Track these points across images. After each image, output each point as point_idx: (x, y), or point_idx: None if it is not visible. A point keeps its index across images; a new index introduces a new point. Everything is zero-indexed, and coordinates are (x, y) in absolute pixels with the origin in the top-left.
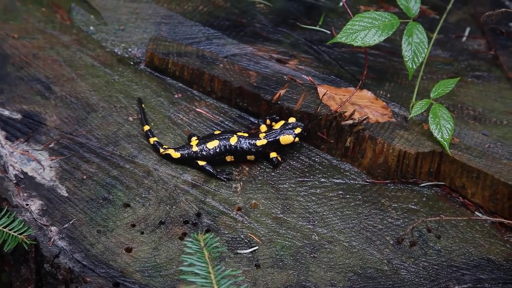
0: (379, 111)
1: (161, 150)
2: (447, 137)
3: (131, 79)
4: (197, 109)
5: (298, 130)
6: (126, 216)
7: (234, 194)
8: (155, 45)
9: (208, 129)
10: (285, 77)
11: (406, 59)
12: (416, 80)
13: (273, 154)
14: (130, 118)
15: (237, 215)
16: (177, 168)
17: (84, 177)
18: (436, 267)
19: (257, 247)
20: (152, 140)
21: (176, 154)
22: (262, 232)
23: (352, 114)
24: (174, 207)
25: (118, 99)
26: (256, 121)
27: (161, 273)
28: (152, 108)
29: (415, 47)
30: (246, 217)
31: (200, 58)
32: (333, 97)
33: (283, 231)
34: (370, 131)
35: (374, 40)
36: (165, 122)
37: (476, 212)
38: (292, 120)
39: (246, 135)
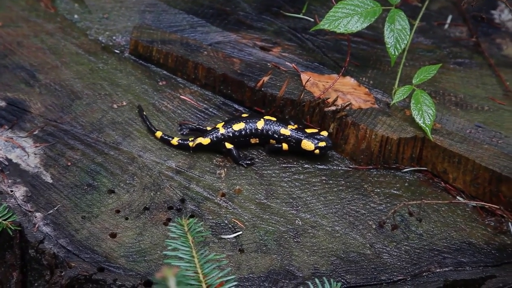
0: (362, 98)
1: (190, 144)
2: (429, 122)
3: (116, 66)
4: (181, 96)
5: (321, 144)
6: (111, 202)
7: (218, 180)
8: (139, 33)
9: (192, 116)
10: (268, 64)
11: (389, 46)
12: (399, 67)
13: (284, 146)
14: (115, 105)
15: (221, 201)
16: (161, 155)
17: (69, 163)
18: (418, 250)
19: (241, 232)
20: (175, 141)
21: (206, 140)
22: (246, 217)
23: (335, 100)
24: (158, 193)
25: (102, 86)
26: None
27: (145, 258)
28: (136, 95)
29: (397, 34)
30: (230, 202)
31: (184, 45)
32: (316, 83)
33: (267, 216)
34: (353, 117)
35: (357, 27)
36: (150, 109)
37: (457, 197)
38: (324, 133)
39: (274, 119)
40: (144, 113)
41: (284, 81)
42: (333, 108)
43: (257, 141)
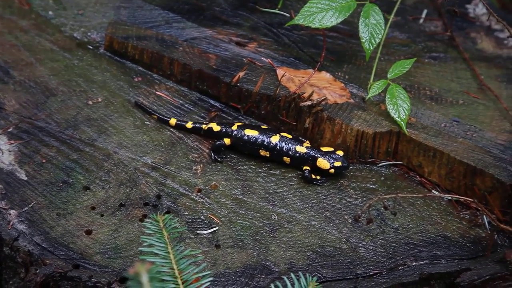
0: (338, 92)
1: (203, 126)
2: (404, 117)
3: (91, 63)
4: (157, 92)
5: (337, 163)
6: (86, 199)
7: (194, 176)
8: (114, 29)
9: (168, 112)
10: (244, 59)
11: (363, 41)
12: (374, 61)
13: (306, 167)
14: (90, 102)
15: (197, 197)
16: (137, 151)
17: (44, 160)
18: (394, 244)
19: (217, 228)
20: (189, 124)
21: (217, 128)
22: (222, 213)
23: (311, 95)
24: (134, 189)
25: (77, 83)
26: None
27: (121, 255)
28: (112, 92)
29: (372, 29)
30: (206, 198)
31: (160, 41)
32: (292, 79)
33: (243, 212)
34: (328, 112)
35: (332, 21)
36: (125, 105)
37: (433, 190)
38: (340, 153)
39: (290, 136)
40: (145, 106)
41: (259, 76)
42: (309, 103)
43: (268, 155)
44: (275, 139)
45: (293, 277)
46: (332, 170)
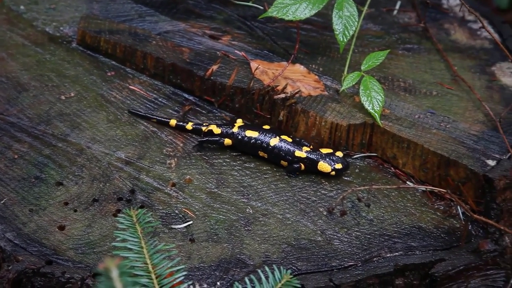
0: (312, 85)
1: (203, 128)
2: (378, 108)
3: (63, 57)
4: (130, 87)
5: (338, 166)
6: (59, 194)
7: (168, 170)
8: (87, 23)
9: (142, 106)
10: (218, 53)
11: (337, 33)
12: (348, 54)
13: (302, 167)
14: (63, 97)
15: (172, 191)
16: (110, 146)
17: (16, 156)
18: (369, 236)
19: (191, 222)
20: (189, 126)
21: (217, 130)
22: (196, 207)
23: (285, 88)
24: (107, 184)
25: (50, 78)
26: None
27: (94, 250)
28: (84, 86)
29: (346, 21)
30: (180, 192)
31: (133, 35)
32: (266, 71)
33: (218, 205)
34: (302, 104)
35: (305, 13)
36: (98, 100)
37: (407, 182)
38: (339, 154)
39: (290, 140)
40: (141, 112)
41: (233, 69)
42: (283, 95)
43: (266, 156)
44: (273, 141)
45: (268, 270)
46: (333, 173)
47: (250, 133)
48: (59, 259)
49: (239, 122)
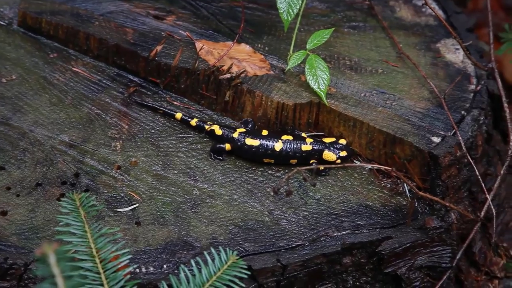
0: (257, 64)
1: (206, 127)
2: (324, 87)
3: (4, 39)
4: (73, 69)
5: (343, 153)
6: (1, 179)
7: (114, 152)
8: (28, 4)
9: (86, 88)
10: (162, 33)
11: (281, 11)
12: (293, 32)
13: (313, 160)
14: (4, 80)
15: (117, 174)
16: (53, 129)
17: None
18: (316, 215)
19: (137, 205)
20: (193, 122)
21: (218, 131)
22: (142, 189)
23: (230, 68)
24: (51, 168)
25: None
26: (295, 131)
27: (38, 235)
28: (26, 69)
29: None
30: (126, 175)
31: (75, 16)
32: (211, 51)
33: (164, 188)
34: (248, 84)
35: None
36: (41, 82)
37: (354, 160)
38: (342, 141)
39: (291, 138)
40: (145, 102)
41: (178, 50)
42: (228, 75)
43: (272, 161)
44: (278, 146)
45: (213, 252)
46: (338, 161)
47: (249, 141)
48: (1, 244)
49: (241, 128)
